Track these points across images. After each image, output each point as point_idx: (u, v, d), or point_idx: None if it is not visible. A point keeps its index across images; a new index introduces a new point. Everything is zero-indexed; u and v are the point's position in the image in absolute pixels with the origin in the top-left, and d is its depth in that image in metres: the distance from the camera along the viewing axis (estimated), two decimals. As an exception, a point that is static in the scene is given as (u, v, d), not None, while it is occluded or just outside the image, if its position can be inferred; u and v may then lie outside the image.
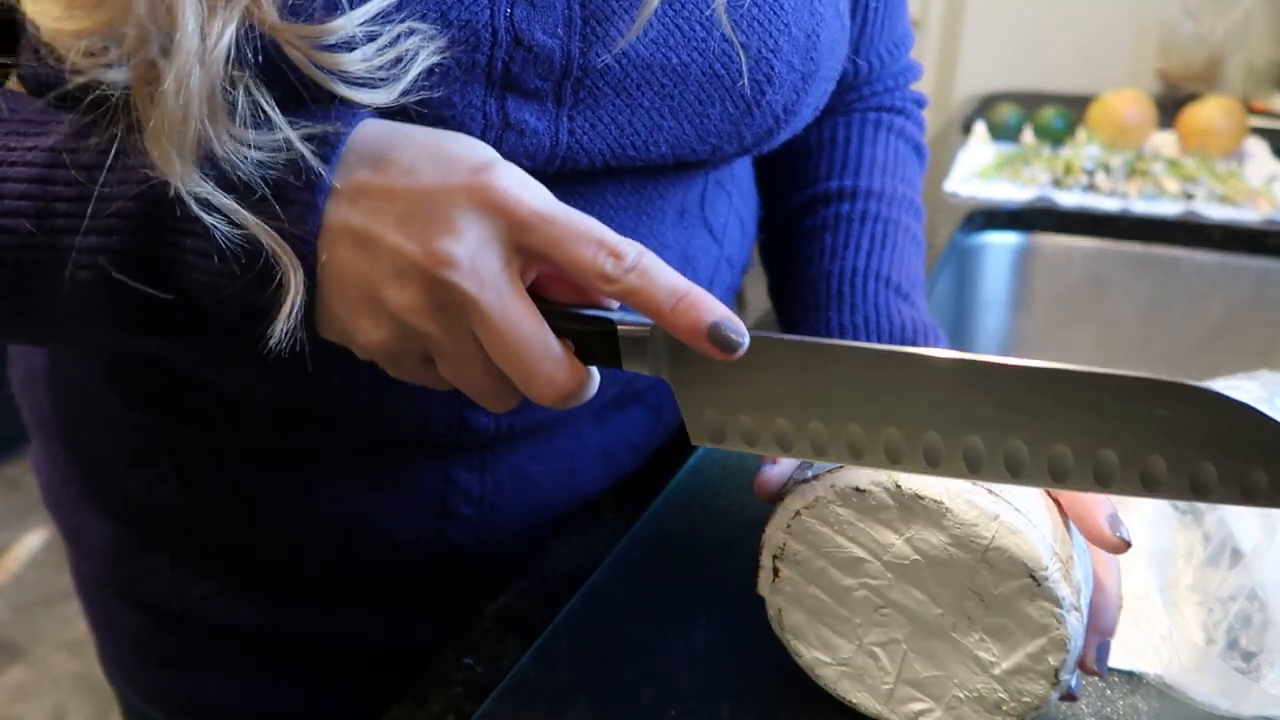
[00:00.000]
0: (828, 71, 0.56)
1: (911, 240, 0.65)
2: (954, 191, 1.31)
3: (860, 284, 0.61)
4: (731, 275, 0.66)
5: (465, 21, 0.45)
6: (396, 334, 0.42)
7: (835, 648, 0.48)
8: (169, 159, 0.40)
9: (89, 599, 0.73)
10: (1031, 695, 0.45)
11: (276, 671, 0.68)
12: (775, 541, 0.47)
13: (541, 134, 0.48)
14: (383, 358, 0.44)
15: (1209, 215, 1.24)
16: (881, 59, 0.69)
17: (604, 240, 0.41)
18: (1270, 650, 0.52)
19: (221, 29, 0.39)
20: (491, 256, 0.41)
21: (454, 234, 0.40)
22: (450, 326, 0.42)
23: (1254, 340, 1.21)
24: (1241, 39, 2.01)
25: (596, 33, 0.47)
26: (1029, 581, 0.43)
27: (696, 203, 0.60)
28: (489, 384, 0.44)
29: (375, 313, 0.42)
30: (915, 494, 0.44)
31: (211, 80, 0.40)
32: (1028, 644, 0.44)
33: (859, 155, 0.68)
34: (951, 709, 0.47)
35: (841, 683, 0.48)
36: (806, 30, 0.53)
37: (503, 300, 0.41)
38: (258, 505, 0.60)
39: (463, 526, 0.61)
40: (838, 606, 0.47)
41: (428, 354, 0.44)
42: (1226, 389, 0.66)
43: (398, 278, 0.41)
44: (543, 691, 0.51)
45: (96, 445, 0.64)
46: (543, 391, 0.42)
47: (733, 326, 0.41)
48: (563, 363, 0.42)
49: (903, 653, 0.47)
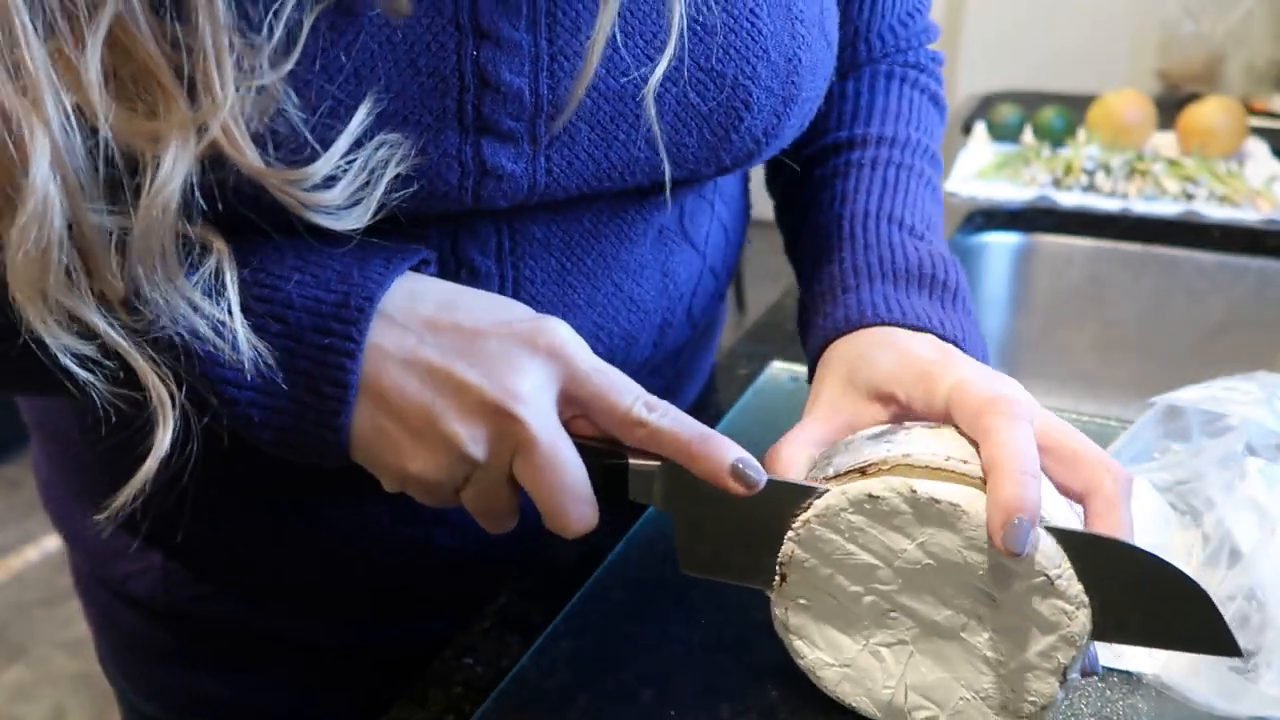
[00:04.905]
0: (811, 93, 0.55)
1: (925, 184, 0.64)
2: (954, 191, 1.31)
3: (873, 225, 0.59)
4: (716, 283, 0.66)
5: (433, 69, 0.45)
6: (448, 463, 0.45)
7: (840, 648, 0.48)
8: (27, 305, 0.40)
9: (87, 596, 0.73)
10: (1039, 694, 0.45)
11: (274, 671, 0.68)
12: (784, 549, 0.47)
13: (519, 177, 0.48)
14: (421, 485, 0.46)
15: (1209, 215, 1.24)
16: (894, 31, 0.68)
17: (640, 393, 0.46)
18: (1269, 650, 0.52)
19: (172, 170, 0.39)
20: (548, 398, 0.45)
21: (520, 374, 0.44)
22: (498, 458, 0.45)
23: (1254, 340, 1.21)
24: (1241, 39, 2.01)
25: (564, 69, 0.47)
26: (1043, 580, 0.43)
27: (676, 219, 0.59)
28: (506, 508, 0.47)
29: (433, 443, 0.45)
30: (931, 498, 0.43)
31: (156, 222, 0.39)
32: (1038, 642, 0.44)
33: (870, 105, 0.67)
34: (957, 713, 0.47)
35: (842, 685, 0.48)
36: (786, 54, 0.52)
37: (554, 440, 0.44)
38: (249, 510, 0.60)
39: (451, 531, 0.61)
40: (845, 610, 0.47)
41: (463, 482, 0.46)
42: (1226, 389, 0.66)
43: (466, 410, 0.44)
44: (543, 691, 0.51)
45: (91, 449, 0.64)
46: (567, 524, 0.46)
47: (752, 464, 0.45)
48: (593, 503, 0.46)
49: (909, 654, 0.47)
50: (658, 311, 0.60)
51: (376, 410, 0.45)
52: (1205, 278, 1.22)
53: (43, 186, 0.38)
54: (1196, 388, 0.67)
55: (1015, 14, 2.27)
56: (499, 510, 0.47)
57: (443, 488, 0.46)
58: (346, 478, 0.59)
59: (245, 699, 0.68)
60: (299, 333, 0.44)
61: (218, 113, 0.39)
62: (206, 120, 0.39)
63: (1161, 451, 0.67)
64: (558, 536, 0.46)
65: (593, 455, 0.46)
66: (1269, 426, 0.63)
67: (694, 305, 0.63)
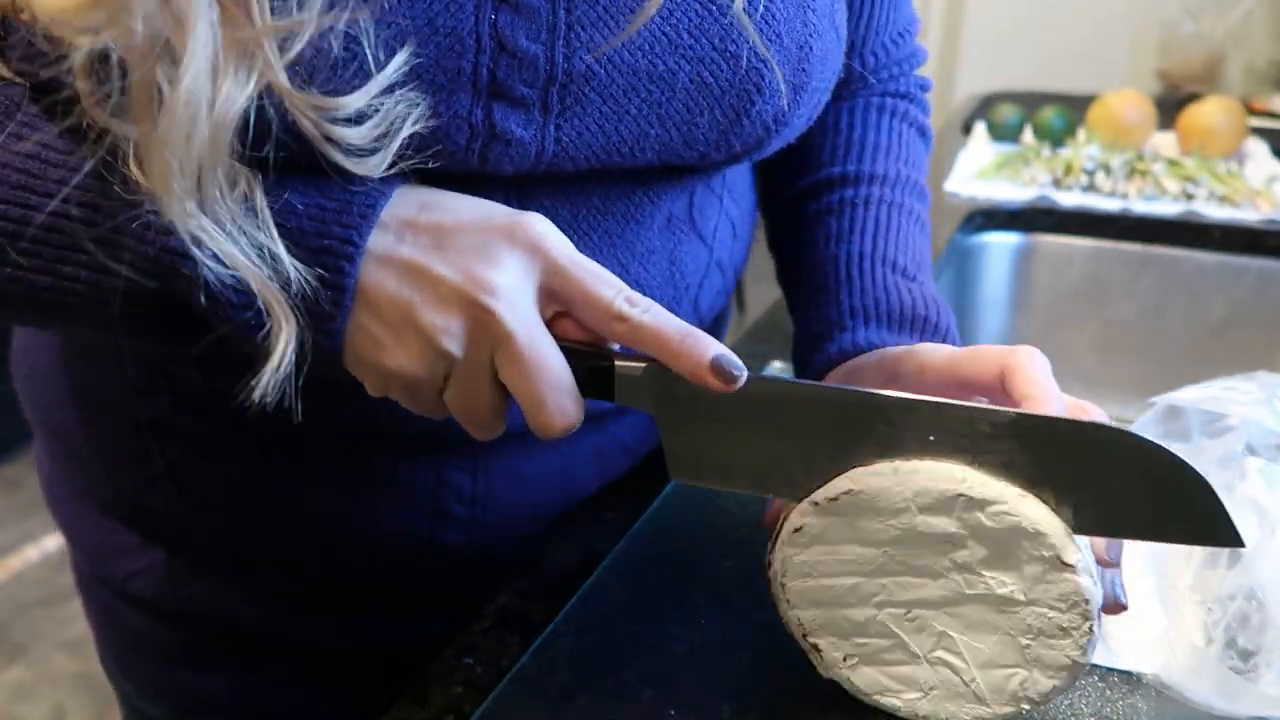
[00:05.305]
0: (820, 83, 0.56)
1: (915, 223, 0.66)
2: (954, 191, 1.31)
3: (869, 268, 0.61)
4: (723, 279, 0.66)
5: (451, 29, 0.45)
6: (426, 359, 0.45)
7: (858, 644, 0.48)
8: (166, 183, 0.40)
9: (88, 595, 0.73)
10: (1056, 659, 0.45)
11: (275, 670, 0.68)
12: (775, 569, 0.48)
13: (527, 143, 0.48)
14: (401, 385, 0.46)
15: (1209, 215, 1.24)
16: (886, 49, 0.69)
17: (622, 287, 0.45)
18: (1268, 650, 0.52)
19: (234, 90, 0.40)
20: (526, 291, 0.45)
21: (496, 266, 0.44)
22: (477, 352, 0.45)
23: (1254, 340, 1.21)
24: (1241, 39, 2.01)
25: (580, 38, 0.47)
26: (1051, 555, 0.44)
27: (685, 209, 0.60)
28: (489, 409, 0.47)
29: (409, 337, 0.45)
30: (912, 470, 0.45)
31: (218, 135, 0.40)
32: (1042, 602, 0.45)
33: (862, 141, 0.68)
34: (972, 681, 0.47)
35: (879, 679, 0.48)
36: (798, 41, 0.52)
37: (532, 332, 0.44)
38: (251, 507, 0.60)
39: (454, 526, 0.61)
40: (850, 611, 0.47)
41: (444, 381, 0.46)
42: (1226, 389, 0.66)
43: (439, 303, 0.44)
44: (543, 691, 0.51)
45: (94, 444, 0.64)
46: (550, 420, 0.45)
47: (732, 361, 0.45)
48: (575, 395, 0.46)
49: (933, 633, 0.47)
50: (664, 301, 0.60)
51: (358, 309, 0.45)
52: (1205, 278, 1.22)
53: (203, 57, 0.38)
54: (1196, 388, 0.67)
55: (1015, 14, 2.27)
56: (481, 410, 0.47)
57: (423, 385, 0.46)
58: (353, 471, 0.59)
59: (246, 699, 0.68)
60: (299, 235, 0.44)
61: (258, 34, 0.40)
62: (251, 42, 0.40)
63: (1161, 451, 0.66)
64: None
65: (578, 358, 0.46)
66: (1269, 426, 0.63)
67: (700, 299, 0.64)
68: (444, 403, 0.47)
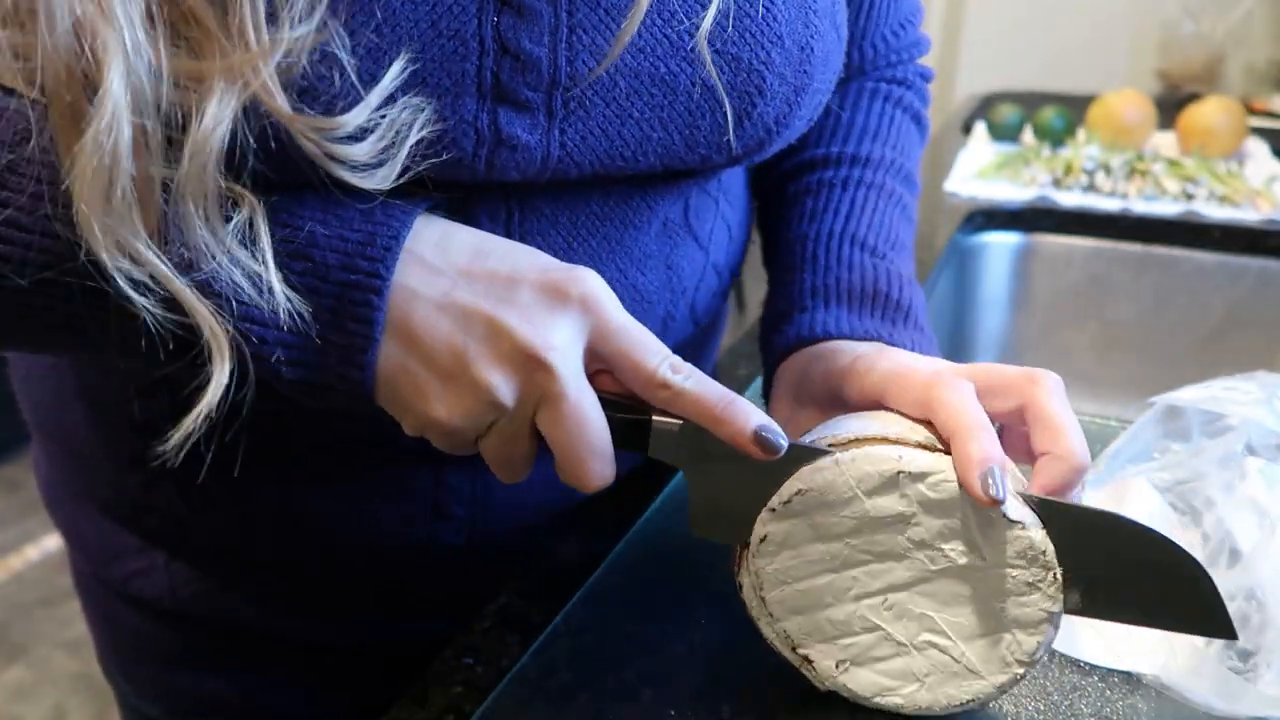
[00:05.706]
0: (821, 84, 0.56)
1: (895, 205, 0.65)
2: (954, 191, 1.31)
3: (835, 247, 0.61)
4: (719, 281, 0.66)
5: (454, 31, 0.45)
6: (475, 411, 0.45)
7: (846, 646, 0.48)
8: (88, 225, 0.40)
9: (87, 596, 0.73)
10: (1029, 620, 0.46)
11: (275, 671, 0.68)
12: (749, 587, 0.48)
13: (533, 148, 0.48)
14: (443, 430, 0.46)
15: (1209, 215, 1.24)
16: (886, 41, 0.69)
17: (667, 353, 0.46)
18: (1268, 650, 0.52)
19: (219, 113, 0.39)
20: (577, 350, 0.45)
21: (555, 322, 0.44)
22: (524, 408, 0.45)
23: (1254, 340, 1.21)
24: (1241, 39, 2.01)
25: (582, 40, 0.47)
26: (1015, 531, 0.45)
27: (681, 213, 0.60)
28: (523, 459, 0.47)
29: (461, 388, 0.44)
30: (851, 459, 0.45)
31: (203, 165, 0.40)
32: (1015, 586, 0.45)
33: (850, 123, 0.68)
34: (959, 658, 0.47)
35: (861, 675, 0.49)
36: (800, 42, 0.52)
37: (580, 393, 0.44)
38: (252, 508, 0.60)
39: (455, 528, 0.61)
40: (830, 612, 0.48)
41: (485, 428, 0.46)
42: (1226, 389, 0.66)
43: (498, 357, 0.44)
44: (543, 691, 0.51)
45: (94, 445, 0.64)
46: (585, 478, 0.46)
47: (775, 431, 0.45)
48: (612, 460, 0.46)
49: (913, 617, 0.47)
50: (660, 304, 0.60)
51: (405, 351, 0.44)
52: (1205, 278, 1.22)
53: (115, 97, 0.38)
54: (1196, 388, 0.67)
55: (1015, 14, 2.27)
56: (517, 459, 0.47)
57: (464, 434, 0.46)
58: (353, 473, 0.59)
59: (247, 699, 0.68)
60: (324, 270, 0.44)
61: (253, 59, 0.39)
62: (244, 66, 0.39)
63: (1161, 451, 0.67)
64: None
65: (613, 408, 0.46)
66: (1269, 426, 0.63)
67: (697, 301, 0.64)
68: (478, 446, 0.47)
